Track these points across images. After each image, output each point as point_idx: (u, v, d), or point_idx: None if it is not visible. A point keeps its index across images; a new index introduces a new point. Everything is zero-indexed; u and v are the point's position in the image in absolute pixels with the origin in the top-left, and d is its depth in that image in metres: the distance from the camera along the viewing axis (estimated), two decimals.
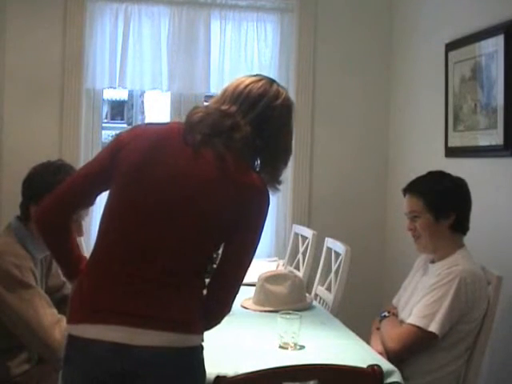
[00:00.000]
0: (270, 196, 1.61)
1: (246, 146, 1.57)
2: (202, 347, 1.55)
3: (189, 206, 1.51)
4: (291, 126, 1.70)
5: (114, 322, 1.45)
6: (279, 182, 1.67)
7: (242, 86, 1.63)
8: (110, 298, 1.48)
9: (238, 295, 1.64)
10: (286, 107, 1.67)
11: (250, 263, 1.61)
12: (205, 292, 1.59)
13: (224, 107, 1.60)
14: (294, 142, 1.73)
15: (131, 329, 1.44)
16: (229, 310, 1.63)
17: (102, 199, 1.65)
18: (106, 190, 1.64)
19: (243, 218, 1.54)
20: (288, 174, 3.94)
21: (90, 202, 1.74)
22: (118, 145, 1.60)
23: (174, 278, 1.50)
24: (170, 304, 1.48)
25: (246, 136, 1.56)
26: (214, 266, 1.61)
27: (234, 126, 1.57)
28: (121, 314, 1.45)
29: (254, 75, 1.70)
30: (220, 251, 1.60)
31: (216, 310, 1.60)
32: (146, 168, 1.54)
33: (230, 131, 1.56)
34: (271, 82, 1.67)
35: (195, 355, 1.53)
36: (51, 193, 1.65)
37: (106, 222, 1.57)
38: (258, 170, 1.63)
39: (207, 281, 1.60)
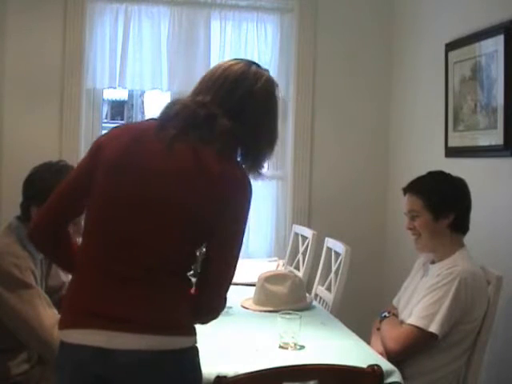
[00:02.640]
0: (252, 186, 1.55)
1: (224, 136, 1.51)
2: (192, 349, 1.51)
3: (165, 203, 1.47)
4: (275, 110, 1.62)
5: (95, 326, 1.43)
6: (261, 168, 1.61)
7: (218, 72, 1.57)
8: (90, 301, 1.46)
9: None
10: (267, 91, 1.59)
11: (235, 258, 1.55)
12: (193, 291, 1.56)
13: (199, 98, 1.55)
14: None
15: (111, 332, 1.41)
16: (222, 305, 1.58)
17: None
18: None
19: (223, 212, 1.48)
20: (288, 174, 3.95)
21: (80, 209, 1.67)
22: (97, 147, 1.57)
23: (155, 278, 1.46)
24: (151, 306, 1.44)
25: (223, 127, 1.51)
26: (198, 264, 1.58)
27: (208, 117, 1.51)
28: (101, 318, 1.42)
29: (233, 59, 1.63)
30: (204, 249, 1.56)
31: (208, 306, 1.56)
32: (122, 168, 1.51)
33: (205, 123, 1.50)
34: (250, 64, 1.60)
35: (184, 358, 1.48)
36: (40, 210, 1.64)
37: (86, 224, 1.56)
38: (240, 158, 1.57)
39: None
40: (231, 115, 1.53)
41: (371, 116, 4.03)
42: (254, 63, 1.63)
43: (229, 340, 2.10)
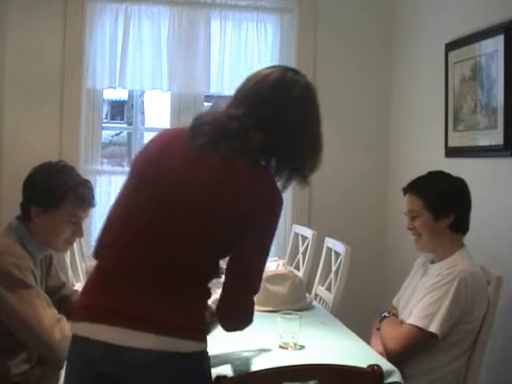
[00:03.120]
0: (283, 198, 1.54)
1: (256, 149, 1.49)
2: (202, 354, 1.51)
3: (189, 210, 1.47)
4: (314, 118, 1.59)
5: (106, 322, 1.44)
6: (305, 177, 1.60)
7: (252, 83, 1.55)
8: (108, 298, 1.47)
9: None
10: (303, 98, 1.56)
11: (260, 267, 1.55)
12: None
13: (231, 110, 1.53)
14: None
15: (121, 329, 1.42)
16: (244, 315, 1.60)
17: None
18: None
19: (248, 223, 1.48)
20: None
21: None
22: (132, 161, 1.62)
23: (174, 282, 1.47)
24: (164, 308, 1.45)
25: (255, 139, 1.49)
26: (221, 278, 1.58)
27: (239, 129, 1.49)
28: (113, 314, 1.44)
29: (269, 67, 1.60)
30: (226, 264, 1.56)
31: (227, 314, 1.58)
32: (150, 173, 1.53)
33: (237, 134, 1.49)
34: (285, 70, 1.57)
35: (191, 362, 1.47)
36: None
37: (113, 225, 1.57)
38: (274, 170, 1.55)
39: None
40: (265, 127, 1.50)
41: (371, 116, 4.03)
42: (291, 69, 1.59)
43: (229, 340, 2.10)
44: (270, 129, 1.51)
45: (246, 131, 1.50)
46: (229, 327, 1.60)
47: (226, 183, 1.48)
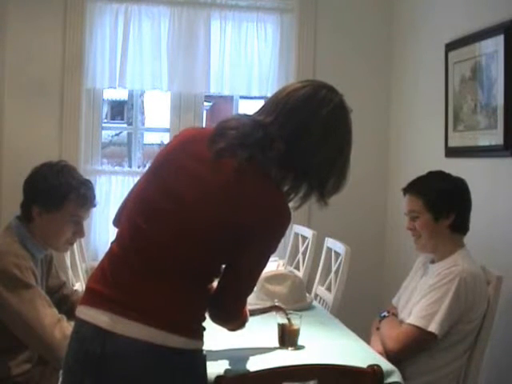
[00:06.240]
0: (291, 216, 1.53)
1: (274, 161, 1.48)
2: (194, 353, 1.51)
3: (193, 210, 1.48)
4: (341, 137, 1.59)
5: (102, 307, 1.46)
6: (323, 198, 1.60)
7: (283, 93, 1.54)
8: (103, 283, 1.50)
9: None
10: (334, 116, 1.55)
11: (255, 278, 1.60)
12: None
13: (259, 118, 1.52)
14: None
15: (114, 316, 1.44)
16: (232, 316, 1.65)
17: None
18: None
19: (250, 236, 1.48)
20: None
21: None
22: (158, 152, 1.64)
23: (170, 276, 1.48)
24: (158, 300, 1.46)
25: (276, 151, 1.48)
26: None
27: (264, 139, 1.48)
28: (108, 300, 1.46)
29: (303, 81, 1.58)
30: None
31: (216, 313, 1.60)
32: (164, 166, 1.55)
33: (259, 144, 1.48)
34: (320, 88, 1.54)
35: (180, 359, 1.47)
36: None
37: (122, 214, 1.61)
38: (291, 185, 1.54)
39: None
40: (288, 139, 1.49)
41: (371, 116, 4.02)
42: (327, 86, 1.57)
43: (229, 340, 2.10)
44: (292, 141, 1.50)
45: (269, 141, 1.49)
46: (214, 318, 1.61)
47: (233, 193, 1.47)
